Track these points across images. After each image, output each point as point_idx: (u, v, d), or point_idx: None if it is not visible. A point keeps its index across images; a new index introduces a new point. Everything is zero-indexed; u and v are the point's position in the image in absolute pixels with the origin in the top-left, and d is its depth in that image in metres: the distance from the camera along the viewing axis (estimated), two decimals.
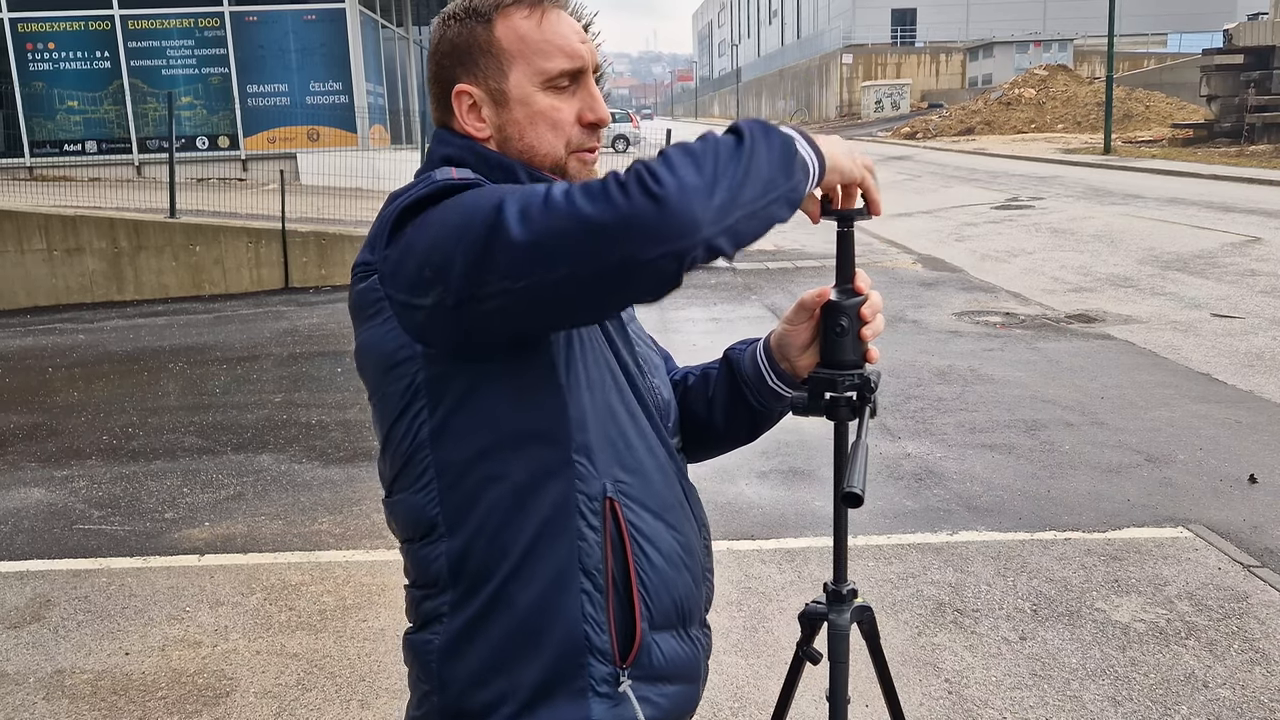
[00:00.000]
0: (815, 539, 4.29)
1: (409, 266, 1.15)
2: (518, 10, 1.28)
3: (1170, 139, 27.29)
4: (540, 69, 1.27)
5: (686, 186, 1.02)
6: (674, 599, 1.31)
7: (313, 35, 16.08)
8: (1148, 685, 3.14)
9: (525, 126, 1.28)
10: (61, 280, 10.99)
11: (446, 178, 1.19)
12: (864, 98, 51.41)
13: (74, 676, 3.39)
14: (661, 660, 1.30)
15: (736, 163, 1.06)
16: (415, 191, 1.18)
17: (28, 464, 5.67)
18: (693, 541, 1.36)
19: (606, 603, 1.24)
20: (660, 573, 1.29)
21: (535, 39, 1.27)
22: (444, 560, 1.26)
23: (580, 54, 1.29)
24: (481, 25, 1.28)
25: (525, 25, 1.27)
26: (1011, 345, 7.63)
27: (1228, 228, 12.63)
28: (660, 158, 1.05)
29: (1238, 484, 4.78)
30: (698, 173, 1.04)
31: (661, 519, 1.30)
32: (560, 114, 1.28)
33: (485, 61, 1.28)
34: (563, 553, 1.23)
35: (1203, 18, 55.89)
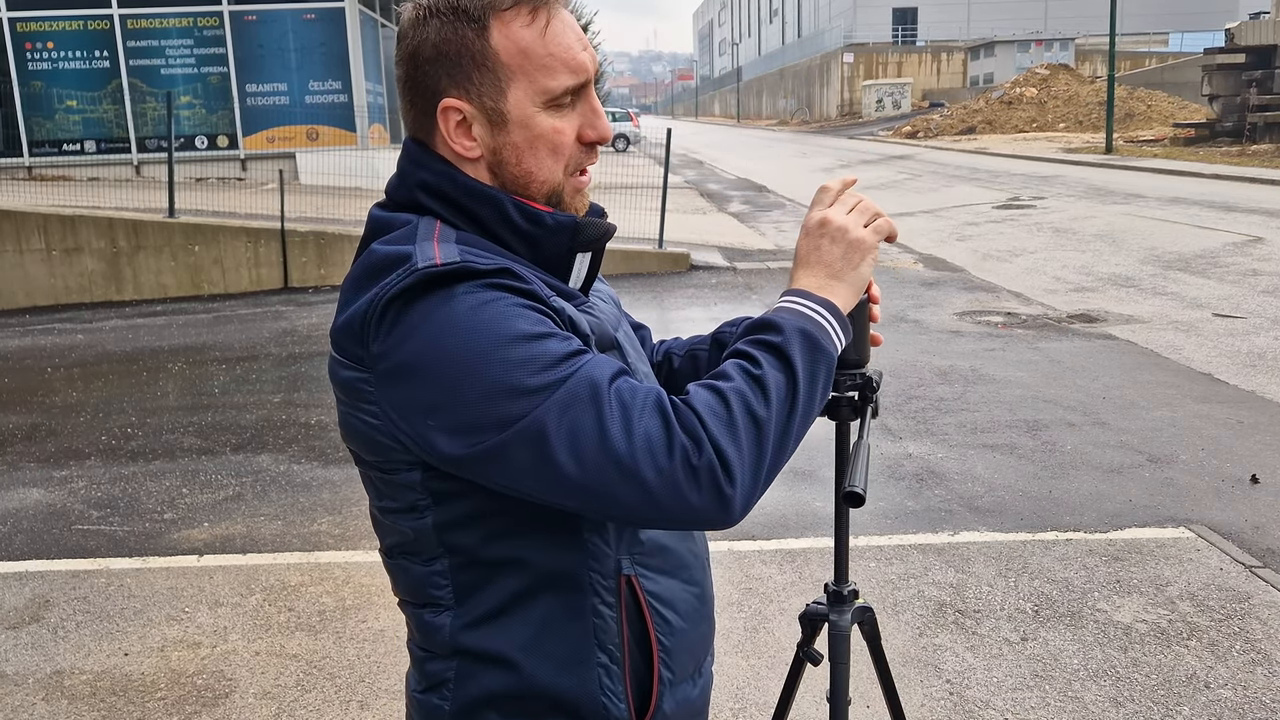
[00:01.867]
0: (816, 539, 4.28)
1: (410, 400, 1.05)
2: (517, 16, 1.11)
3: (1172, 138, 27.28)
4: (544, 87, 1.13)
5: (753, 487, 1.04)
6: (693, 651, 1.28)
7: (312, 34, 16.07)
8: (1149, 686, 3.13)
9: (524, 150, 1.15)
10: (60, 280, 10.98)
11: (430, 264, 1.05)
12: (865, 97, 51.40)
13: (73, 677, 3.38)
14: (676, 708, 1.27)
15: (790, 424, 1.08)
16: (399, 282, 1.05)
17: (27, 464, 5.66)
18: (707, 588, 1.31)
19: (624, 672, 1.21)
20: (679, 633, 1.24)
21: (538, 52, 1.12)
22: (448, 632, 1.20)
23: (584, 66, 1.14)
24: (474, 30, 1.11)
25: (527, 35, 1.11)
26: (1013, 345, 7.62)
27: (1230, 227, 12.62)
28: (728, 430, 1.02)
29: (1239, 484, 4.77)
30: (758, 457, 1.04)
31: (676, 577, 1.25)
32: (562, 135, 1.15)
33: (479, 76, 1.12)
34: (577, 632, 1.18)
35: (1204, 17, 55.89)
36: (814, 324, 1.13)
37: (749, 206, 18.86)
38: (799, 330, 1.11)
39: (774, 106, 72.94)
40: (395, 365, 1.05)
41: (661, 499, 1.01)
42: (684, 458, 1.01)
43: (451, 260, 1.06)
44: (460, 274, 1.05)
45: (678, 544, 1.26)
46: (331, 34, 16.09)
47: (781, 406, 1.07)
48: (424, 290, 1.05)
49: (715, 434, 1.02)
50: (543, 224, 1.16)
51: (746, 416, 1.04)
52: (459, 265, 1.06)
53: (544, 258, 1.18)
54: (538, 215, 1.16)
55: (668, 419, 1.02)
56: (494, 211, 1.15)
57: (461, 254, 1.08)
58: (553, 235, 1.17)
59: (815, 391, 1.11)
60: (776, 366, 1.08)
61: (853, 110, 53.92)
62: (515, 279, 1.08)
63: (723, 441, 1.02)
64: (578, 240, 1.18)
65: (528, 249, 1.17)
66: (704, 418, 1.02)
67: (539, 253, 1.17)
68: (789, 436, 1.08)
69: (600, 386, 1.02)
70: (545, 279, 1.16)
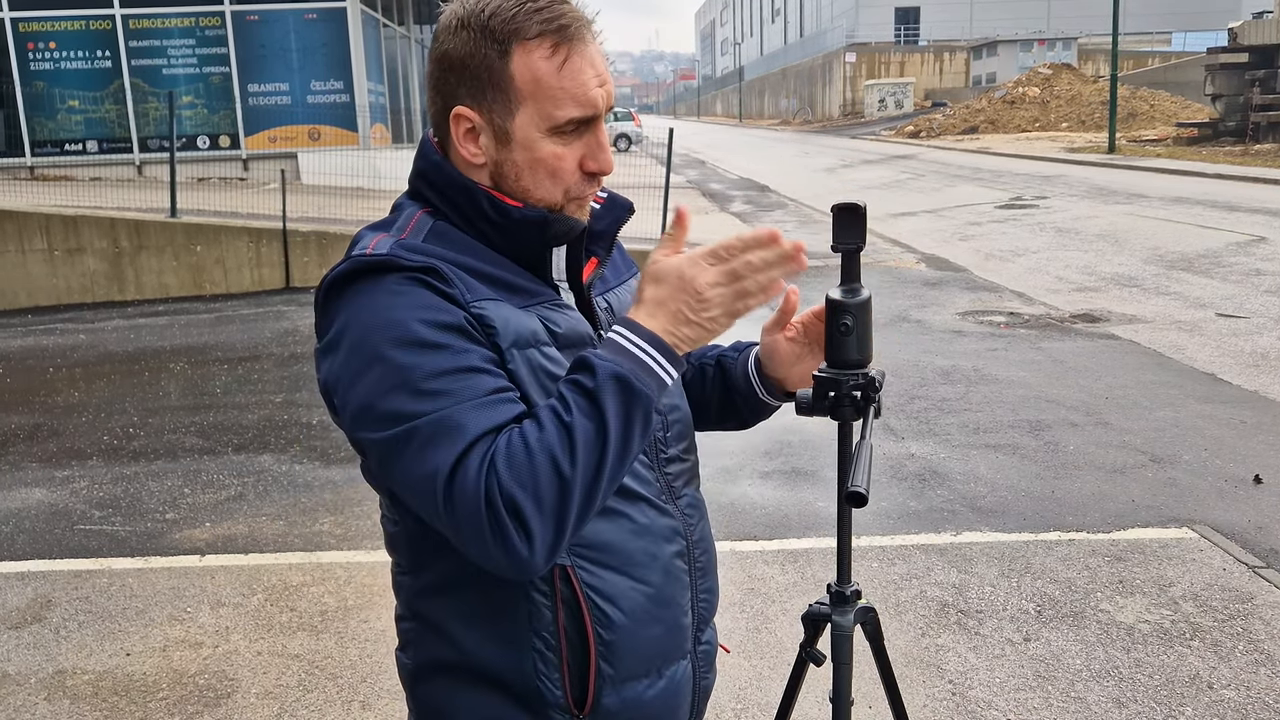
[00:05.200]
0: (818, 540, 4.27)
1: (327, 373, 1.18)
2: (539, 47, 1.17)
3: (1175, 138, 27.26)
4: (549, 115, 1.19)
5: (555, 541, 1.08)
6: (642, 652, 1.28)
7: (314, 34, 16.08)
8: (1152, 687, 3.12)
9: (524, 170, 1.22)
10: (62, 280, 10.98)
11: (362, 254, 1.18)
12: (867, 96, 51.37)
13: (75, 677, 3.38)
14: (622, 705, 1.28)
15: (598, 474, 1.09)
16: (338, 268, 1.18)
17: (29, 464, 5.66)
18: (666, 589, 1.30)
19: (560, 661, 1.24)
20: (622, 630, 1.25)
21: (551, 84, 1.18)
22: (406, 595, 1.32)
23: (594, 102, 1.20)
24: (496, 53, 1.18)
25: (544, 67, 1.17)
26: (1016, 345, 7.61)
27: (1233, 227, 12.60)
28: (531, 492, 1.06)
29: (1243, 484, 4.76)
30: (561, 512, 1.07)
31: (624, 574, 1.26)
32: (562, 162, 1.21)
33: (493, 94, 1.19)
34: (513, 615, 1.23)
35: (1207, 16, 55.81)
36: (633, 362, 1.12)
37: (751, 206, 18.85)
38: (612, 375, 1.10)
39: (776, 106, 72.92)
40: (324, 343, 1.19)
41: (468, 548, 1.09)
42: (487, 517, 1.06)
43: (380, 253, 1.17)
44: (386, 266, 1.16)
45: (628, 542, 1.26)
46: (333, 34, 16.10)
47: (589, 457, 1.09)
48: (354, 278, 1.16)
49: (518, 497, 1.06)
50: (509, 216, 1.22)
51: (551, 473, 1.07)
52: (384, 258, 1.16)
53: (518, 250, 1.24)
54: (505, 209, 1.22)
55: (478, 476, 1.07)
56: (470, 202, 1.23)
57: (393, 248, 1.18)
58: (520, 228, 1.22)
59: (630, 437, 1.11)
60: (586, 413, 1.09)
61: (855, 110, 53.89)
62: (438, 279, 1.15)
63: (524, 505, 1.06)
64: (547, 234, 1.24)
65: (502, 240, 1.24)
66: (507, 478, 1.06)
67: (513, 244, 1.24)
68: (597, 486, 1.10)
69: (446, 433, 1.08)
70: (504, 276, 1.22)
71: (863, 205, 1.55)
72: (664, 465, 1.34)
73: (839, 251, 1.56)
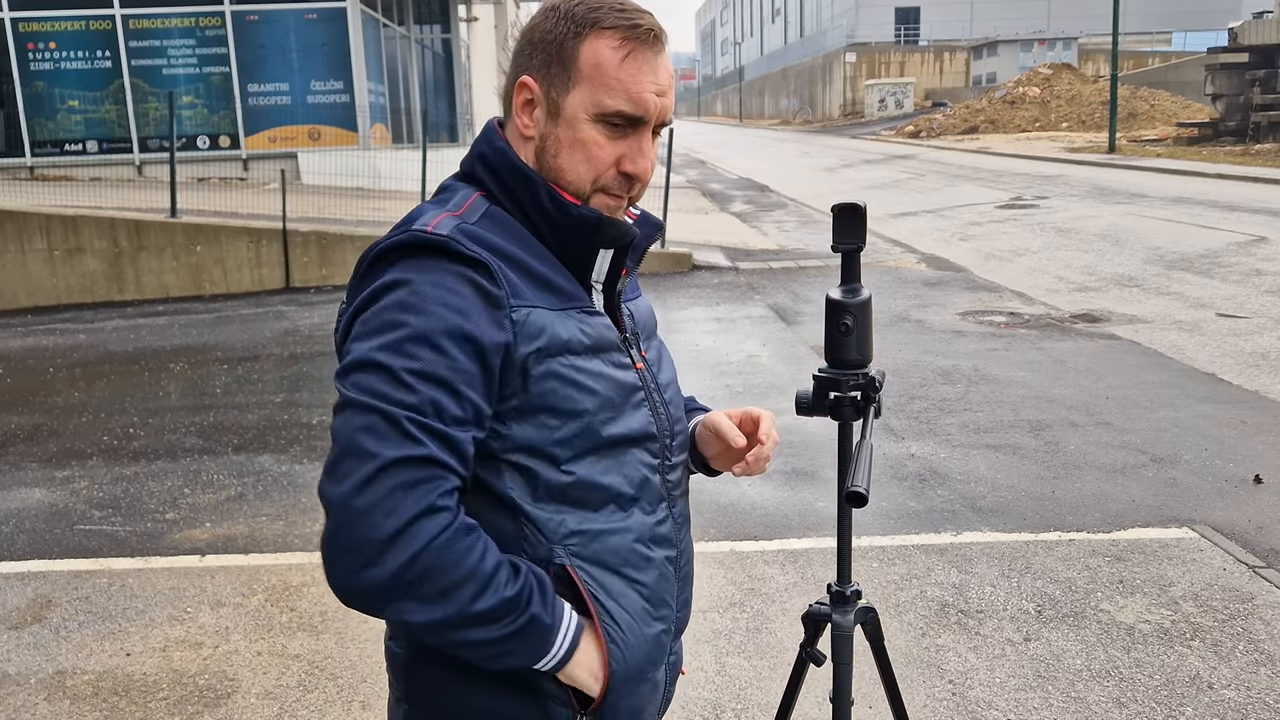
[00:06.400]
0: (818, 540, 4.27)
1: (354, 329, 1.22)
2: (611, 37, 1.24)
3: (1175, 138, 27.25)
4: (598, 100, 1.24)
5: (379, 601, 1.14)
6: (644, 652, 1.30)
7: (314, 34, 16.07)
8: (1152, 687, 3.12)
9: (564, 147, 1.26)
10: (62, 280, 10.98)
11: (423, 229, 1.21)
12: (867, 96, 51.36)
13: (75, 677, 3.38)
14: (624, 707, 1.30)
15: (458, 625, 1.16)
16: (393, 237, 1.22)
17: (29, 464, 5.66)
18: (660, 589, 1.34)
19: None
20: (630, 629, 1.29)
21: (609, 72, 1.23)
22: None
23: (645, 103, 1.25)
24: (572, 34, 1.25)
25: (608, 55, 1.24)
26: (1016, 345, 7.61)
27: (1233, 227, 12.60)
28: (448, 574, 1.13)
29: (1243, 484, 4.76)
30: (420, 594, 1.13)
31: (620, 574, 1.29)
32: (600, 150, 1.26)
33: (557, 69, 1.25)
34: None
35: (1207, 16, 55.80)
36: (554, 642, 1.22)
37: (751, 206, 18.85)
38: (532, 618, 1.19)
39: (776, 106, 72.91)
40: (362, 295, 1.21)
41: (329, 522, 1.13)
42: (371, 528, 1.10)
43: (440, 234, 1.20)
44: (442, 248, 1.19)
45: (625, 544, 1.29)
46: (333, 34, 16.09)
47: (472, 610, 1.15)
48: (413, 251, 1.19)
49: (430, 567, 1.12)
50: (567, 213, 1.26)
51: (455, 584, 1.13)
52: (444, 240, 1.19)
53: (566, 247, 1.28)
54: (565, 204, 1.26)
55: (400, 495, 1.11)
56: (529, 192, 1.26)
57: (454, 231, 1.21)
58: (576, 226, 1.26)
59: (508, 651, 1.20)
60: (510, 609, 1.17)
61: (855, 110, 53.88)
62: (487, 276, 1.19)
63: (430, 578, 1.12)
64: (599, 236, 1.27)
65: (553, 235, 1.27)
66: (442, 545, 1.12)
67: (563, 241, 1.27)
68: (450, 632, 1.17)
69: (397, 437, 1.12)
70: (548, 275, 1.25)
71: (863, 205, 1.55)
72: (667, 472, 1.36)
73: (839, 251, 1.56)
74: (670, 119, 1.29)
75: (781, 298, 9.70)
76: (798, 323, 8.59)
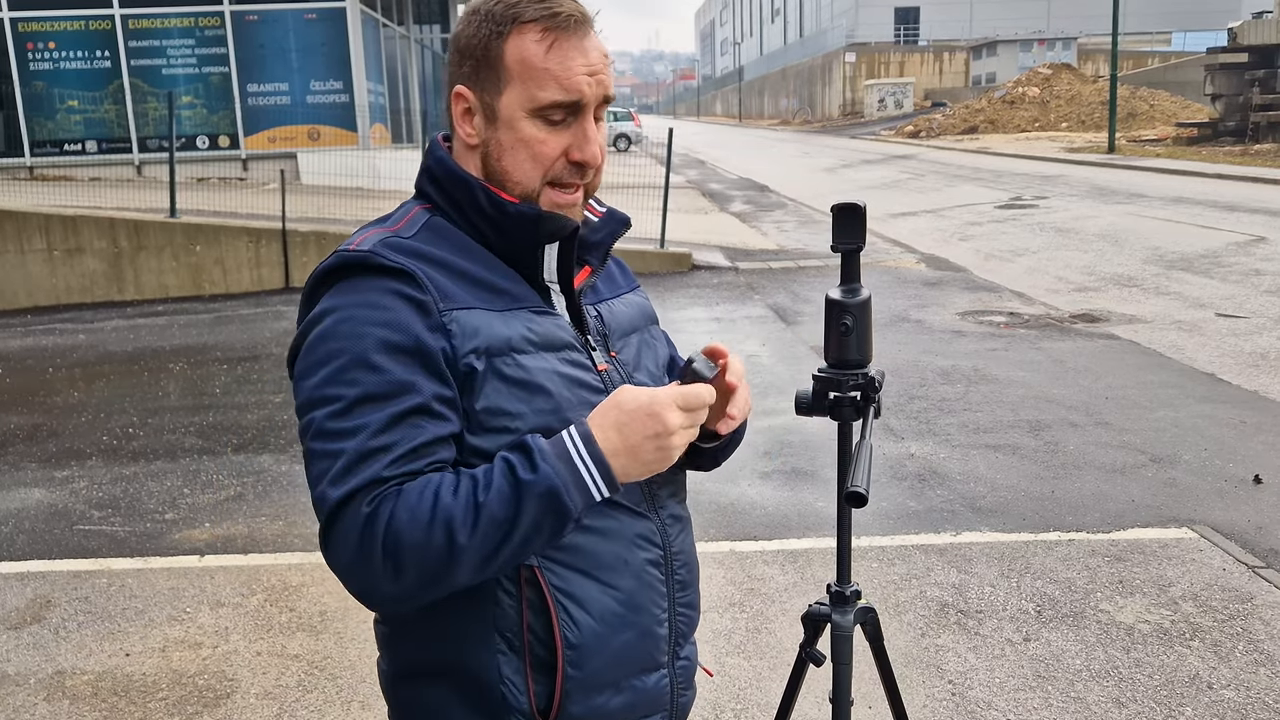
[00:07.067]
0: (818, 540, 4.27)
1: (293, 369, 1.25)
2: (532, 30, 1.22)
3: (1175, 138, 27.25)
4: (532, 96, 1.22)
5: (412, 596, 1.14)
6: (611, 658, 1.27)
7: (313, 34, 16.07)
8: (1152, 687, 3.12)
9: (506, 149, 1.25)
10: (62, 280, 10.98)
11: (346, 249, 1.23)
12: (867, 96, 51.37)
13: (74, 677, 3.38)
14: (599, 713, 1.27)
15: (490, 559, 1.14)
16: (325, 262, 1.25)
17: (28, 464, 5.66)
18: (638, 596, 1.29)
19: (524, 665, 1.23)
20: (591, 635, 1.24)
21: (536, 65, 1.22)
22: None
23: (579, 89, 1.22)
24: (495, 35, 1.23)
25: (533, 49, 1.22)
26: (1015, 345, 7.61)
27: (1233, 227, 12.60)
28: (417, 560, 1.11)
29: (1243, 484, 4.76)
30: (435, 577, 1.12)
31: (594, 578, 1.25)
32: (544, 147, 1.24)
33: (486, 73, 1.24)
34: (478, 615, 1.23)
35: (1207, 16, 55.82)
36: (572, 475, 1.14)
37: (751, 206, 18.85)
38: (547, 488, 1.12)
39: (776, 106, 72.91)
40: (301, 334, 1.23)
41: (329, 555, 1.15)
42: (360, 543, 1.11)
43: (361, 250, 1.22)
44: (364, 264, 1.20)
45: (599, 545, 1.25)
46: (333, 34, 16.09)
47: (486, 542, 1.12)
48: (338, 274, 1.22)
49: (403, 545, 1.10)
50: (505, 211, 1.25)
51: (444, 541, 1.10)
52: (364, 255, 1.21)
53: (511, 246, 1.27)
54: (501, 203, 1.25)
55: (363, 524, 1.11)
56: (466, 195, 1.26)
57: (375, 245, 1.22)
58: (515, 223, 1.25)
59: (532, 541, 1.15)
60: (504, 502, 1.12)
61: (855, 110, 53.89)
62: (412, 284, 1.19)
63: (405, 553, 1.10)
64: (540, 231, 1.25)
65: (497, 236, 1.26)
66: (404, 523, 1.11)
67: (506, 240, 1.26)
68: (483, 568, 1.14)
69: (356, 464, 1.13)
70: (490, 279, 1.24)
71: (862, 205, 1.55)
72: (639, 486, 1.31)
73: (839, 251, 1.56)
74: (612, 93, 1.27)
75: (781, 298, 9.70)
76: (797, 323, 8.59)
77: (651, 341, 1.42)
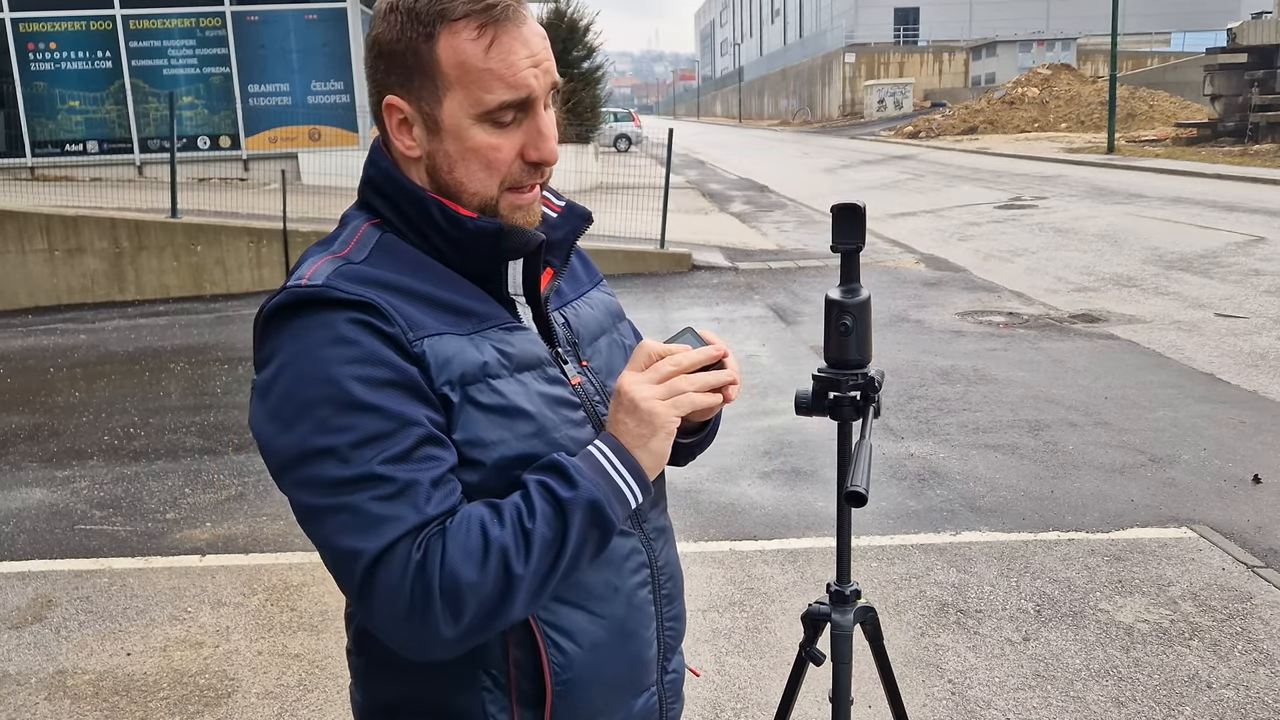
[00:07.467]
0: (818, 539, 4.28)
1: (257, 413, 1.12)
2: (465, 28, 1.10)
3: (1174, 138, 27.26)
4: (478, 100, 1.11)
5: (475, 635, 1.07)
6: (602, 688, 1.22)
7: (314, 35, 16.07)
8: (1151, 686, 3.13)
9: (456, 160, 1.14)
10: (63, 280, 10.99)
11: (297, 284, 1.11)
12: (867, 97, 51.39)
13: (76, 677, 3.39)
14: None
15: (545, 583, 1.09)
16: (274, 298, 1.12)
17: (29, 464, 5.67)
18: (629, 622, 1.24)
19: (510, 701, 1.18)
20: (581, 666, 1.19)
21: (477, 66, 1.10)
22: (355, 628, 1.26)
23: (527, 84, 1.11)
24: (422, 36, 1.11)
25: (470, 49, 1.10)
26: (1015, 345, 7.61)
27: (1232, 227, 12.61)
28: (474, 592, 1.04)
29: (1242, 484, 4.77)
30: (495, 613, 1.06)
31: (583, 608, 1.19)
32: (498, 153, 1.14)
33: (420, 80, 1.12)
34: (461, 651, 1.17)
35: (1206, 16, 55.85)
36: (610, 487, 1.12)
37: (751, 206, 18.85)
38: (589, 501, 1.09)
39: (776, 106, 72.92)
40: (259, 382, 1.12)
41: (373, 620, 1.08)
42: (413, 594, 1.04)
43: (315, 284, 1.09)
44: (320, 300, 1.08)
45: (588, 574, 1.19)
46: (333, 34, 16.09)
47: (540, 567, 1.08)
48: (292, 311, 1.09)
49: (461, 583, 1.04)
50: (464, 228, 1.15)
51: (500, 573, 1.05)
52: (319, 291, 1.09)
53: (471, 262, 1.17)
54: (460, 219, 1.15)
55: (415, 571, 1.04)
56: (419, 211, 1.16)
57: (330, 277, 1.10)
58: (475, 239, 1.16)
59: (583, 557, 1.11)
60: (550, 524, 1.08)
61: (855, 110, 53.90)
62: (377, 316, 1.08)
63: (466, 592, 1.04)
64: (503, 247, 1.17)
65: (455, 252, 1.17)
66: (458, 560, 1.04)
67: (466, 256, 1.17)
68: (539, 595, 1.09)
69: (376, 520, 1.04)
70: (453, 300, 1.15)
71: (862, 205, 1.55)
72: None
73: (839, 252, 1.56)
74: (558, 78, 1.17)
75: (781, 298, 9.70)
76: (797, 323, 8.60)
77: (621, 340, 1.35)
